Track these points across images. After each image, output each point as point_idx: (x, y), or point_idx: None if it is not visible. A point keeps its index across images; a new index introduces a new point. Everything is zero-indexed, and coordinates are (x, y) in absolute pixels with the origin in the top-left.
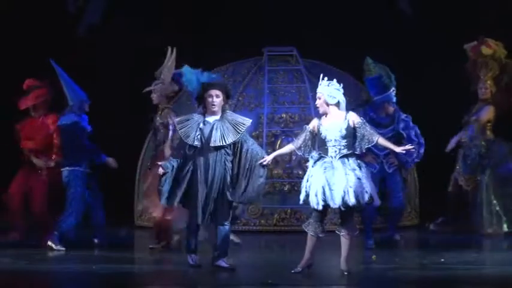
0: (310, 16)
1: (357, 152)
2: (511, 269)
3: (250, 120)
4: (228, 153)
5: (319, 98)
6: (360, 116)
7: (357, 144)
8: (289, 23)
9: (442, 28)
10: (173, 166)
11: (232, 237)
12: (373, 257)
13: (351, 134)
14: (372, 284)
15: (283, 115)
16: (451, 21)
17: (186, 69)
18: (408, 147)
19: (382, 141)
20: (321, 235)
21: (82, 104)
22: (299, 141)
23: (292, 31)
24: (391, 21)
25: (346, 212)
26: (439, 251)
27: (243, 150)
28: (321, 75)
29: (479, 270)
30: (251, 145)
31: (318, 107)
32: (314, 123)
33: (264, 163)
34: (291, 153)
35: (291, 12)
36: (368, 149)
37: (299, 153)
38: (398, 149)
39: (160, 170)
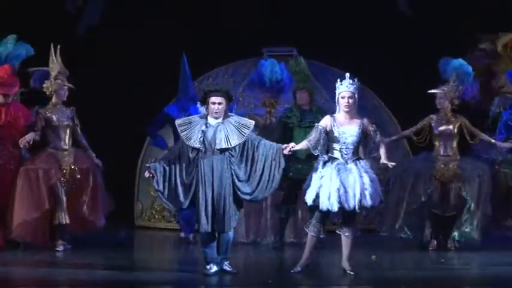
0: (310, 16)
1: (363, 159)
2: (511, 269)
3: (253, 122)
4: (232, 155)
5: (351, 98)
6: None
7: (366, 151)
8: (289, 23)
9: (440, 28)
10: (164, 168)
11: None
12: (373, 257)
13: (362, 140)
14: (371, 284)
15: None
16: (449, 21)
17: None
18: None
19: (382, 151)
20: (321, 236)
21: (188, 101)
22: (313, 140)
23: (292, 31)
24: (390, 21)
25: (350, 213)
26: (439, 251)
27: (256, 147)
28: (347, 74)
29: (479, 270)
30: (261, 141)
31: (348, 107)
32: (327, 121)
33: (286, 151)
34: None
35: (291, 13)
36: None
37: (315, 153)
38: (386, 161)
39: (147, 173)
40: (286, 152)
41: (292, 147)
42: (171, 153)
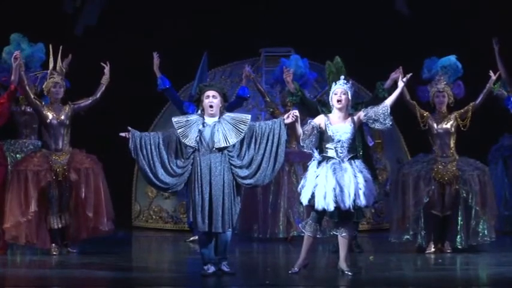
0: (308, 17)
1: (389, 126)
2: (509, 270)
3: (250, 116)
4: (230, 151)
5: (344, 94)
6: None
7: (381, 122)
8: (287, 23)
9: (439, 28)
10: (141, 139)
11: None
12: (371, 257)
13: (355, 136)
14: (369, 284)
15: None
16: (447, 21)
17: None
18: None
19: (390, 99)
20: (318, 236)
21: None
22: (306, 134)
23: (289, 32)
24: (388, 21)
25: (347, 213)
26: (437, 252)
27: (255, 130)
28: (342, 77)
29: (478, 270)
30: (261, 122)
31: (340, 103)
32: (321, 120)
33: (289, 120)
34: None
35: (289, 13)
36: None
37: (301, 144)
38: (403, 80)
39: (123, 133)
40: (289, 120)
41: (295, 113)
42: (164, 135)
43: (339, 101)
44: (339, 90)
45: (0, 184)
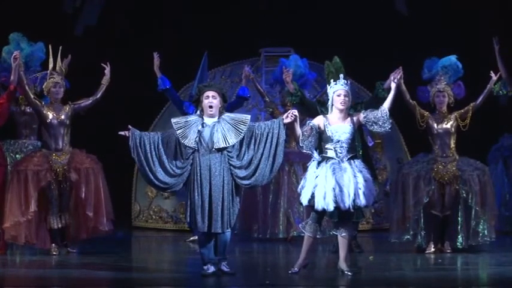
0: (307, 17)
1: (388, 130)
2: (509, 270)
3: (249, 116)
4: (230, 151)
5: (346, 96)
6: None
7: (380, 125)
8: (286, 23)
9: (439, 28)
10: (141, 138)
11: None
12: (371, 257)
13: (355, 136)
14: (369, 284)
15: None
16: (447, 21)
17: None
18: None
19: (388, 101)
20: (318, 236)
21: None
22: (305, 134)
23: (289, 32)
24: (387, 21)
25: (346, 213)
26: (437, 252)
27: (254, 130)
28: (341, 76)
29: (478, 270)
30: (261, 123)
31: (342, 105)
32: (320, 120)
33: (288, 120)
34: None
35: (288, 13)
36: None
37: (300, 145)
38: (395, 81)
39: (122, 132)
40: (288, 120)
41: (294, 112)
42: (163, 135)
43: (342, 102)
44: (342, 91)
45: (0, 184)
